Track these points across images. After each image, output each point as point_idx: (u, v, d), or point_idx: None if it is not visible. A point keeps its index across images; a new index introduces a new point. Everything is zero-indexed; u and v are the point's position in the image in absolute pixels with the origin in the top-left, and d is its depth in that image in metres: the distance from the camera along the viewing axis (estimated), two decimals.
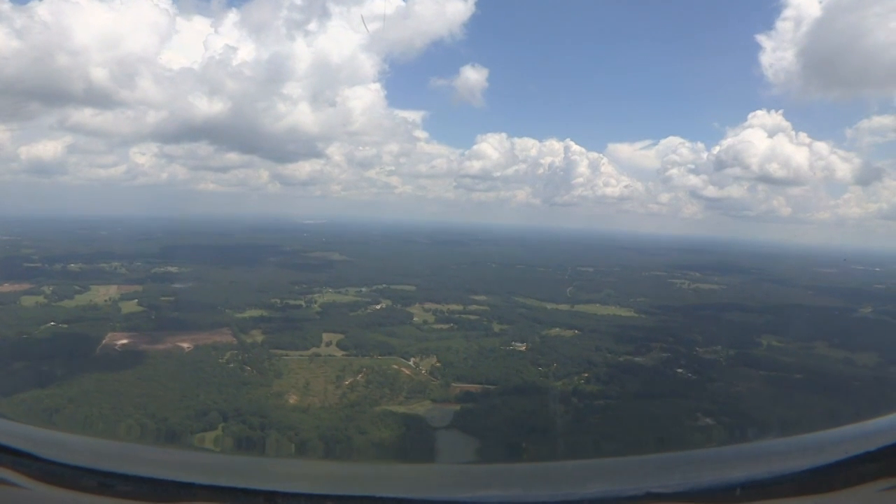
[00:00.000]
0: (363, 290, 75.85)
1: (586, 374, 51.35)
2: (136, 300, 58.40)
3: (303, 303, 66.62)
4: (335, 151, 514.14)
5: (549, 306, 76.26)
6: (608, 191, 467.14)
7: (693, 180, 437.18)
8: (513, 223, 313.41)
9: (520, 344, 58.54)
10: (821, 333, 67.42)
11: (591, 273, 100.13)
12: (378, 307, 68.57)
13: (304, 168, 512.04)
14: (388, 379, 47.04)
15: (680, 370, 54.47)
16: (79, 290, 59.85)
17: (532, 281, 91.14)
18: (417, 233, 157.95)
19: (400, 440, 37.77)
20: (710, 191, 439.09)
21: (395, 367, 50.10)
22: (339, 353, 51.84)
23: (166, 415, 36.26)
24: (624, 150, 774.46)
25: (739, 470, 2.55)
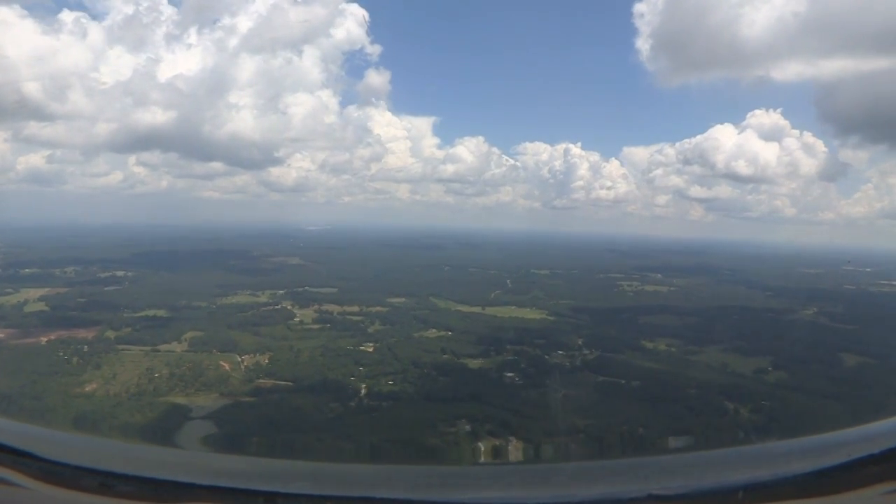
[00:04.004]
0: (280, 292, 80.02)
1: (399, 376, 51.48)
2: (47, 301, 67.18)
3: (205, 304, 72.05)
4: (333, 157, 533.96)
5: (457, 308, 75.86)
6: (604, 193, 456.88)
7: (682, 182, 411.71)
8: (518, 227, 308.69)
9: (370, 345, 59.51)
10: (727, 337, 61.64)
11: (542, 275, 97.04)
12: (273, 308, 72.41)
13: (291, 175, 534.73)
14: (196, 373, 50.38)
15: (509, 374, 52.56)
16: (10, 291, 69.65)
17: (468, 283, 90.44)
18: (406, 237, 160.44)
19: (143, 424, 41.12)
20: (701, 192, 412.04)
21: (220, 363, 53.36)
22: (181, 349, 56.14)
23: None
24: (639, 153, 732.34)
25: (742, 472, 2.54)
